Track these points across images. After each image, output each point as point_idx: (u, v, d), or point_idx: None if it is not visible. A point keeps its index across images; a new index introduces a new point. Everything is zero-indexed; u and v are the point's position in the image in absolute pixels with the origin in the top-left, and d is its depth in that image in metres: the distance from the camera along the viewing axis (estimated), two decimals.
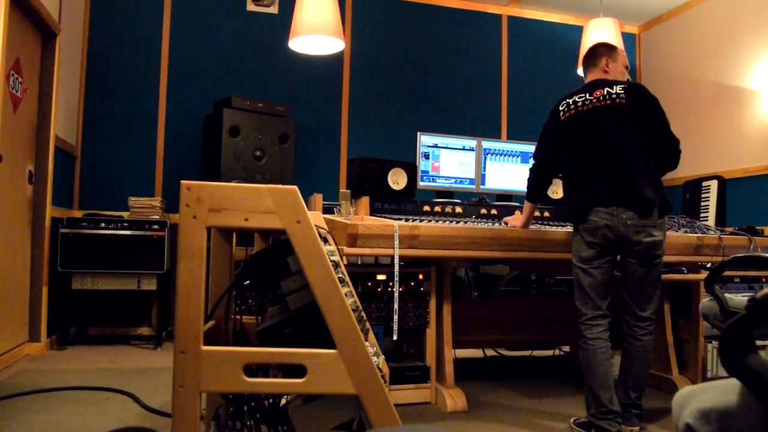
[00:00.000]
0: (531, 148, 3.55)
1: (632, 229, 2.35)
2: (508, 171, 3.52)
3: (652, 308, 2.49)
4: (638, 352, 2.46)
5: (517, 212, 2.95)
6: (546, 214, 3.33)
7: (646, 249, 2.39)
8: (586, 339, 2.42)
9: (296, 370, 1.45)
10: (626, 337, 2.50)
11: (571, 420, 2.56)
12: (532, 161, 2.70)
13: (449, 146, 3.44)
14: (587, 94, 2.52)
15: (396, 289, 2.57)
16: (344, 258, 2.54)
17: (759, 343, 0.94)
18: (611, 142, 2.42)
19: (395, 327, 2.61)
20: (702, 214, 4.76)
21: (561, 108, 2.58)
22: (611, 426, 2.34)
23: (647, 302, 2.46)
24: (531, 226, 2.83)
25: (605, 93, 2.49)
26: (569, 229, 2.91)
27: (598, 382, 2.36)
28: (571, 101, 2.55)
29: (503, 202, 3.44)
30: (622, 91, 2.47)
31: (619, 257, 2.50)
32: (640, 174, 2.38)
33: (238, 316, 1.77)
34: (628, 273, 2.46)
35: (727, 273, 3.24)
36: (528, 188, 2.70)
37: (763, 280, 3.32)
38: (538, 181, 2.66)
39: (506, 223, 2.87)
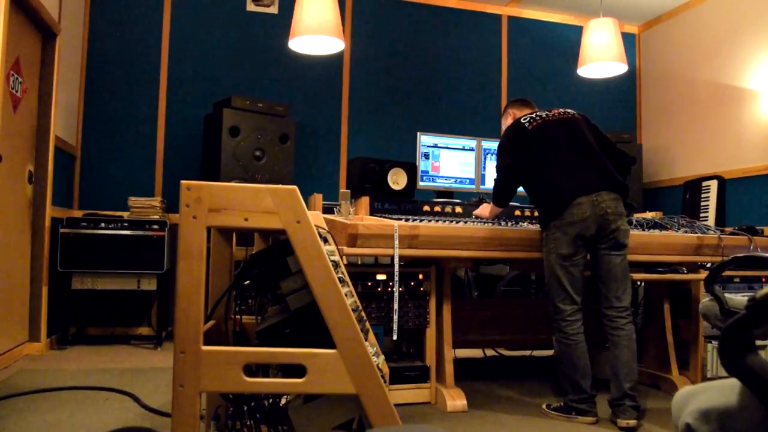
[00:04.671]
0: None
1: (611, 217, 2.52)
2: None
3: (629, 298, 2.60)
4: (625, 341, 2.54)
5: (485, 204, 3.08)
6: None
7: (621, 237, 2.56)
8: (568, 335, 2.55)
9: (296, 370, 1.45)
10: (610, 331, 2.58)
11: (544, 405, 2.72)
12: (497, 173, 2.77)
13: (449, 146, 3.44)
14: (546, 112, 2.76)
15: (396, 289, 2.57)
16: (344, 258, 2.54)
17: (759, 343, 0.94)
18: (585, 142, 2.66)
19: (395, 327, 2.62)
20: (702, 214, 4.76)
21: (524, 121, 2.72)
22: (591, 407, 2.53)
23: (624, 291, 2.58)
24: (530, 226, 2.85)
25: (563, 111, 2.76)
26: None
27: (581, 372, 2.53)
28: (534, 115, 2.74)
29: None
30: (575, 112, 2.78)
31: (588, 256, 2.60)
32: (610, 166, 2.64)
33: (238, 316, 1.77)
34: (603, 265, 2.59)
35: (727, 273, 3.24)
36: (497, 195, 2.79)
37: (763, 280, 3.32)
38: (508, 189, 2.75)
39: (476, 216, 3.01)
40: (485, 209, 3.00)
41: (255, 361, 1.48)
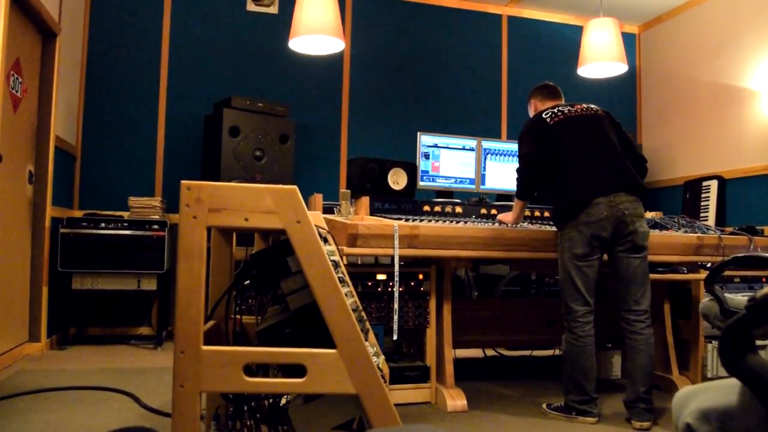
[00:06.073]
0: None
1: (628, 218, 2.48)
2: (508, 171, 3.51)
3: (648, 300, 2.57)
4: (642, 346, 2.51)
5: (506, 213, 2.98)
6: (546, 214, 3.33)
7: (640, 239, 2.52)
8: (577, 336, 2.52)
9: (296, 370, 1.45)
10: (627, 334, 2.55)
11: (544, 405, 2.71)
12: (519, 162, 2.71)
13: (449, 146, 3.44)
14: (569, 106, 2.69)
15: (396, 289, 2.57)
16: (344, 258, 2.54)
17: (759, 343, 0.94)
18: (607, 141, 2.61)
19: (395, 327, 2.61)
20: (702, 214, 4.76)
21: (545, 116, 2.67)
22: (592, 408, 2.52)
23: (643, 294, 2.55)
24: (531, 226, 2.84)
25: (586, 107, 2.71)
26: None
27: (586, 375, 2.51)
28: (556, 110, 2.68)
29: (503, 202, 3.44)
30: (599, 108, 2.72)
31: (605, 256, 2.57)
32: (631, 167, 2.61)
33: (238, 316, 1.77)
34: (622, 267, 2.55)
35: (727, 273, 3.23)
36: (519, 187, 2.72)
37: (763, 280, 3.32)
38: (530, 178, 2.68)
39: (500, 221, 2.90)
40: (507, 215, 2.87)
41: (255, 361, 1.48)
